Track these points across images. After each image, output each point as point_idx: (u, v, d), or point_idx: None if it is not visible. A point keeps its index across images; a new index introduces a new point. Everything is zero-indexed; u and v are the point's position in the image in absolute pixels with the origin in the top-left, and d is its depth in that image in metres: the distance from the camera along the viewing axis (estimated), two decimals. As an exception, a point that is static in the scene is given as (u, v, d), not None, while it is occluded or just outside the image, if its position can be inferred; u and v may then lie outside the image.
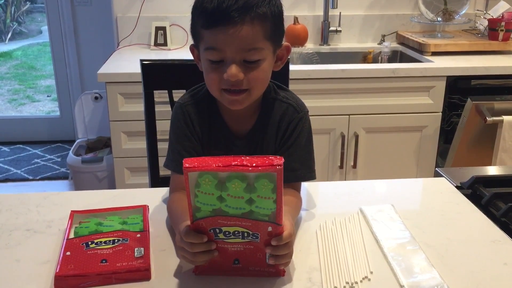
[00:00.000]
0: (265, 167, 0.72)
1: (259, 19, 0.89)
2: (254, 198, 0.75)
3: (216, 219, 0.77)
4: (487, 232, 0.96)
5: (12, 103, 4.42)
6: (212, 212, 0.77)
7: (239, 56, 0.90)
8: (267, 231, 0.77)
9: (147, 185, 1.52)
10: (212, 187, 0.74)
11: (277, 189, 0.74)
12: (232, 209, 0.76)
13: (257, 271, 0.82)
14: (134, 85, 1.97)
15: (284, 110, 1.02)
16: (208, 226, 0.78)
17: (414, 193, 1.16)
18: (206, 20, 0.90)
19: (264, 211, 0.76)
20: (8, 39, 5.62)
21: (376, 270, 0.84)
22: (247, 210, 0.76)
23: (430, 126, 2.19)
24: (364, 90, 2.11)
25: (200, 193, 0.75)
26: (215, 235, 0.79)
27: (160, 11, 2.47)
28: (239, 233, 0.78)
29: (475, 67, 2.14)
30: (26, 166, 3.15)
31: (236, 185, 0.74)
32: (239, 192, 0.74)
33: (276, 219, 0.76)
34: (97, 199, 1.07)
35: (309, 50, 2.44)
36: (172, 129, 1.04)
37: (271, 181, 0.73)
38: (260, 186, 0.74)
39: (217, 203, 0.76)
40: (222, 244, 0.80)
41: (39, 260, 0.86)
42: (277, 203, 0.75)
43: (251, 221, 0.76)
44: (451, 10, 2.41)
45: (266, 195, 0.74)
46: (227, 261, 0.82)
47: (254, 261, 0.81)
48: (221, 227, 0.78)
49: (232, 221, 0.77)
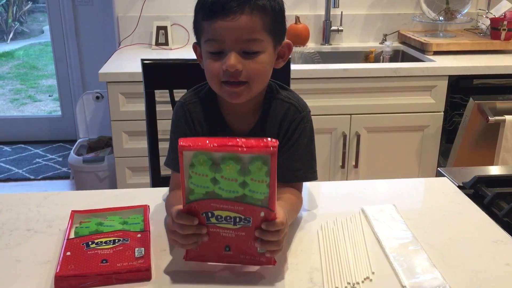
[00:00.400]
0: (260, 149, 0.73)
1: (258, 10, 0.91)
2: (247, 181, 0.75)
3: (209, 202, 0.77)
4: (489, 232, 0.96)
5: (14, 103, 4.43)
6: (205, 194, 0.77)
7: (238, 46, 0.91)
8: (259, 217, 0.77)
9: (148, 185, 1.52)
10: (206, 168, 0.74)
11: (270, 173, 0.74)
12: (225, 192, 0.76)
13: (248, 259, 0.81)
14: (135, 84, 1.97)
15: (286, 109, 1.02)
16: (201, 209, 0.78)
17: (416, 193, 1.15)
18: (206, 11, 0.92)
19: (257, 195, 0.76)
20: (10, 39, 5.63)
21: (377, 270, 0.83)
22: (240, 193, 0.76)
23: (432, 125, 2.19)
24: (365, 89, 2.11)
25: (194, 174, 0.75)
26: (207, 219, 0.79)
27: (161, 10, 2.46)
28: (231, 218, 0.78)
29: (477, 66, 2.13)
30: (27, 165, 3.15)
31: (230, 167, 0.74)
32: (233, 174, 0.74)
33: (269, 204, 0.76)
34: (98, 199, 1.07)
35: (310, 49, 2.43)
36: (173, 128, 1.04)
37: (265, 163, 0.73)
38: (254, 168, 0.74)
39: (211, 185, 0.76)
40: (213, 228, 0.79)
41: (39, 260, 0.85)
42: (270, 187, 0.75)
43: (244, 205, 0.76)
44: (453, 9, 2.40)
45: (260, 178, 0.74)
46: (218, 247, 0.81)
47: (245, 249, 0.81)
48: (214, 211, 0.78)
49: (225, 204, 0.77)
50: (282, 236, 0.80)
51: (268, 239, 0.78)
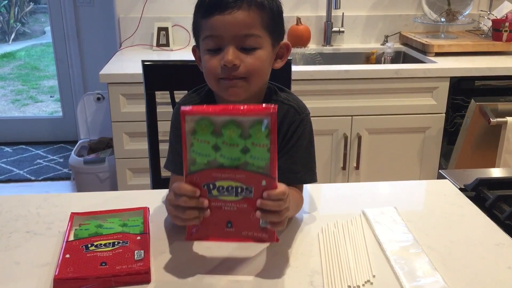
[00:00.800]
0: (260, 111, 0.75)
1: (256, 6, 0.92)
2: (248, 145, 0.76)
3: (210, 172, 0.77)
4: (491, 235, 0.95)
5: (15, 104, 4.43)
6: (206, 164, 0.77)
7: (236, 42, 0.91)
8: (261, 186, 0.77)
9: (149, 186, 1.52)
10: (208, 134, 0.76)
11: (271, 136, 0.75)
12: (227, 160, 0.77)
13: (250, 236, 0.81)
14: (136, 85, 1.97)
15: (285, 112, 1.02)
16: (202, 180, 0.78)
17: (417, 195, 1.15)
18: (204, 10, 0.93)
19: (258, 162, 0.76)
20: (11, 40, 5.64)
21: (378, 273, 0.83)
22: (241, 161, 0.77)
23: (433, 127, 2.18)
24: (367, 91, 2.10)
25: (196, 141, 0.76)
26: (209, 191, 0.78)
27: (162, 11, 2.46)
28: (232, 188, 0.78)
29: (478, 67, 2.13)
30: (28, 166, 3.15)
31: (231, 131, 0.75)
32: (234, 139, 0.75)
33: (270, 171, 0.77)
34: (97, 201, 1.06)
35: (311, 50, 2.43)
36: (172, 130, 1.04)
37: (266, 126, 0.75)
38: (254, 132, 0.75)
39: (212, 153, 0.76)
40: (215, 202, 0.79)
41: (38, 263, 0.85)
42: (271, 152, 0.76)
43: (245, 172, 0.77)
44: (455, 10, 2.40)
45: (261, 142, 0.75)
46: (220, 223, 0.81)
47: (247, 224, 0.80)
48: (215, 182, 0.78)
49: (226, 173, 0.77)
50: (283, 208, 0.79)
51: (269, 208, 0.78)
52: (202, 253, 0.88)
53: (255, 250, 0.89)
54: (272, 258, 0.87)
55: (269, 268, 0.84)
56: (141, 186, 2.10)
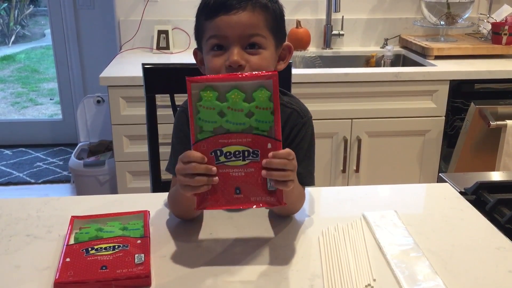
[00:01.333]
0: (262, 75, 0.80)
1: (260, 8, 0.93)
2: (253, 109, 0.79)
3: (217, 138, 0.80)
4: (491, 239, 0.95)
5: (15, 106, 4.43)
6: (213, 132, 0.80)
7: (241, 42, 0.92)
8: (267, 149, 0.80)
9: (149, 189, 1.52)
10: (213, 100, 0.79)
11: (273, 98, 0.80)
12: (233, 125, 0.80)
13: (259, 201, 0.82)
14: (136, 88, 1.97)
15: (288, 115, 1.02)
16: (210, 148, 0.80)
17: (418, 198, 1.15)
18: (209, 11, 0.93)
19: (263, 125, 0.80)
20: (11, 42, 5.64)
21: (379, 277, 0.83)
22: (246, 125, 0.80)
23: (433, 130, 2.18)
24: (366, 94, 2.10)
25: (202, 108, 0.80)
26: (216, 158, 0.80)
27: (162, 14, 2.47)
28: (239, 153, 0.80)
29: (478, 71, 2.13)
30: (28, 169, 3.15)
31: (235, 96, 0.79)
32: (238, 104, 0.79)
33: (275, 134, 0.80)
34: (98, 204, 1.06)
35: (311, 54, 2.43)
36: (175, 134, 1.04)
37: (268, 89, 0.79)
38: (257, 95, 0.79)
39: (218, 119, 0.80)
40: (223, 169, 0.81)
41: (38, 266, 0.85)
42: (275, 114, 0.80)
43: (251, 136, 0.80)
44: (454, 13, 2.40)
45: (264, 105, 0.79)
46: (228, 190, 0.82)
47: (255, 189, 0.81)
48: (222, 148, 0.80)
49: (233, 138, 0.80)
50: (288, 168, 0.80)
51: (274, 166, 0.79)
52: (203, 256, 0.88)
53: (256, 254, 0.89)
54: (273, 262, 0.87)
55: (270, 272, 0.84)
56: (141, 189, 2.10)
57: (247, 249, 0.90)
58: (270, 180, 0.81)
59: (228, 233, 0.96)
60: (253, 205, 0.82)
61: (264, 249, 0.90)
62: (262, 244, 0.92)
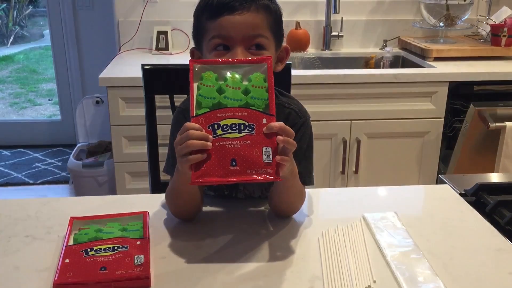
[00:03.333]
0: (257, 60, 0.88)
1: (263, 8, 0.94)
2: (249, 88, 0.85)
3: (215, 113, 0.84)
4: (491, 241, 0.95)
5: (13, 107, 4.42)
6: (211, 107, 0.84)
7: (245, 43, 0.93)
8: (262, 124, 0.83)
9: (147, 190, 1.51)
10: (213, 79, 0.85)
11: (268, 78, 0.86)
12: (230, 101, 0.85)
13: (255, 172, 0.82)
14: (135, 89, 1.96)
15: (287, 115, 1.02)
16: (207, 122, 0.84)
17: (417, 200, 1.14)
18: (212, 11, 0.93)
19: (258, 102, 0.85)
20: (10, 43, 5.64)
21: (379, 279, 0.82)
22: (243, 102, 0.85)
23: (432, 131, 2.18)
24: (366, 95, 2.10)
25: (202, 85, 0.85)
26: (213, 132, 0.83)
27: (161, 15, 2.46)
28: (236, 126, 0.83)
29: (477, 72, 2.13)
30: (26, 170, 3.14)
31: (233, 76, 0.86)
32: (236, 83, 0.85)
33: (269, 109, 0.85)
34: (97, 205, 1.06)
35: (311, 55, 2.43)
36: (173, 135, 1.03)
37: (263, 71, 0.86)
38: (254, 77, 0.86)
39: (217, 95, 0.85)
40: (219, 141, 0.83)
41: (38, 267, 0.85)
42: (269, 92, 0.85)
43: (248, 110, 0.84)
44: (454, 15, 2.40)
45: (259, 84, 0.85)
46: (224, 162, 0.82)
47: (251, 161, 0.82)
48: (219, 121, 0.83)
49: (230, 112, 0.84)
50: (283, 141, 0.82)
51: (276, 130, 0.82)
52: (202, 258, 0.88)
53: (256, 255, 0.89)
54: (272, 263, 0.87)
55: (269, 273, 0.84)
56: (140, 190, 2.10)
57: (246, 250, 0.90)
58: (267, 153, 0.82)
59: (228, 234, 0.96)
60: (249, 177, 0.82)
61: (264, 250, 0.90)
62: (262, 245, 0.92)
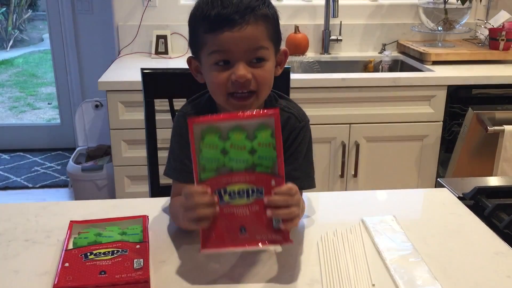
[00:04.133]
0: (263, 114, 0.80)
1: (262, 19, 0.92)
2: (255, 146, 0.79)
3: (220, 178, 0.80)
4: (490, 244, 0.95)
5: (13, 111, 4.43)
6: (216, 171, 0.80)
7: (246, 56, 0.91)
8: (271, 186, 0.79)
9: (147, 194, 1.51)
10: (215, 139, 0.79)
11: (275, 134, 0.79)
12: (236, 163, 0.79)
13: (265, 239, 0.80)
14: (135, 93, 1.97)
15: (286, 119, 1.02)
16: (213, 187, 0.80)
17: (416, 203, 1.15)
18: (210, 24, 0.91)
19: (266, 162, 0.79)
20: (9, 47, 5.64)
21: (378, 282, 0.83)
22: (250, 163, 0.79)
23: (431, 135, 2.19)
24: (365, 99, 2.11)
25: (205, 147, 0.79)
26: (220, 198, 0.80)
27: (161, 19, 2.47)
28: (243, 191, 0.79)
29: (476, 76, 2.14)
30: (26, 174, 3.14)
31: (237, 134, 0.79)
32: (240, 142, 0.79)
33: (278, 170, 0.80)
34: (97, 209, 1.06)
35: (310, 59, 2.44)
36: (175, 138, 1.04)
37: (270, 126, 0.79)
38: (260, 133, 0.79)
39: (221, 157, 0.79)
40: (228, 209, 0.80)
41: (37, 271, 0.85)
42: (277, 150, 0.79)
43: (255, 173, 0.79)
44: (452, 19, 2.41)
45: (266, 141, 0.79)
46: (234, 230, 0.80)
47: (260, 227, 0.80)
48: (226, 187, 0.79)
49: (236, 176, 0.79)
50: (292, 203, 0.80)
51: (278, 204, 0.79)
52: (202, 262, 0.88)
53: (255, 259, 0.89)
54: (271, 267, 0.87)
55: (269, 277, 0.84)
56: (139, 193, 2.10)
57: (245, 254, 0.90)
58: (277, 218, 0.79)
59: (227, 238, 0.96)
60: (258, 243, 0.80)
61: (263, 253, 0.90)
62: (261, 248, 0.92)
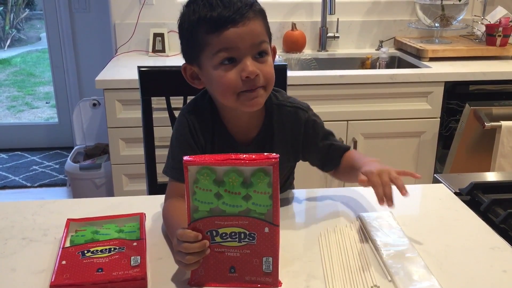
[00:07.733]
0: (261, 161, 0.76)
1: (259, 14, 0.94)
2: (250, 193, 0.77)
3: (213, 219, 0.78)
4: (486, 239, 0.96)
5: (10, 110, 4.42)
6: (209, 212, 0.78)
7: (252, 51, 0.92)
8: (264, 233, 0.78)
9: (145, 192, 1.52)
10: (210, 183, 0.76)
11: (273, 184, 0.76)
12: (229, 207, 0.78)
13: (254, 281, 0.81)
14: (132, 91, 1.96)
15: (294, 114, 1.05)
16: (205, 228, 0.79)
17: (413, 199, 1.15)
18: (212, 24, 0.91)
19: (260, 208, 0.77)
20: (7, 46, 5.63)
21: (374, 277, 0.83)
22: (243, 208, 0.77)
23: (428, 131, 2.19)
24: (362, 96, 2.11)
25: (199, 189, 0.77)
26: (212, 238, 0.79)
27: (158, 17, 2.47)
28: (235, 234, 0.79)
29: (473, 72, 2.14)
30: (24, 173, 3.14)
31: (233, 179, 0.76)
32: (236, 187, 0.76)
33: (272, 219, 0.78)
34: (94, 207, 1.06)
35: (307, 56, 2.44)
36: (176, 137, 1.04)
37: (267, 174, 0.76)
38: (256, 180, 0.76)
39: (215, 200, 0.77)
40: (218, 248, 0.80)
41: (34, 269, 0.85)
42: (273, 200, 0.77)
43: (248, 218, 0.78)
44: (449, 15, 2.41)
45: (262, 189, 0.76)
46: (223, 269, 0.81)
47: (250, 269, 0.80)
48: (218, 229, 0.79)
49: (229, 220, 0.78)
50: (392, 177, 0.93)
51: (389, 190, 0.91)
52: (199, 258, 0.88)
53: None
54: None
55: (265, 273, 0.84)
56: (137, 192, 2.10)
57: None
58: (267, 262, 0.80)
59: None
60: (247, 284, 0.80)
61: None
62: None
